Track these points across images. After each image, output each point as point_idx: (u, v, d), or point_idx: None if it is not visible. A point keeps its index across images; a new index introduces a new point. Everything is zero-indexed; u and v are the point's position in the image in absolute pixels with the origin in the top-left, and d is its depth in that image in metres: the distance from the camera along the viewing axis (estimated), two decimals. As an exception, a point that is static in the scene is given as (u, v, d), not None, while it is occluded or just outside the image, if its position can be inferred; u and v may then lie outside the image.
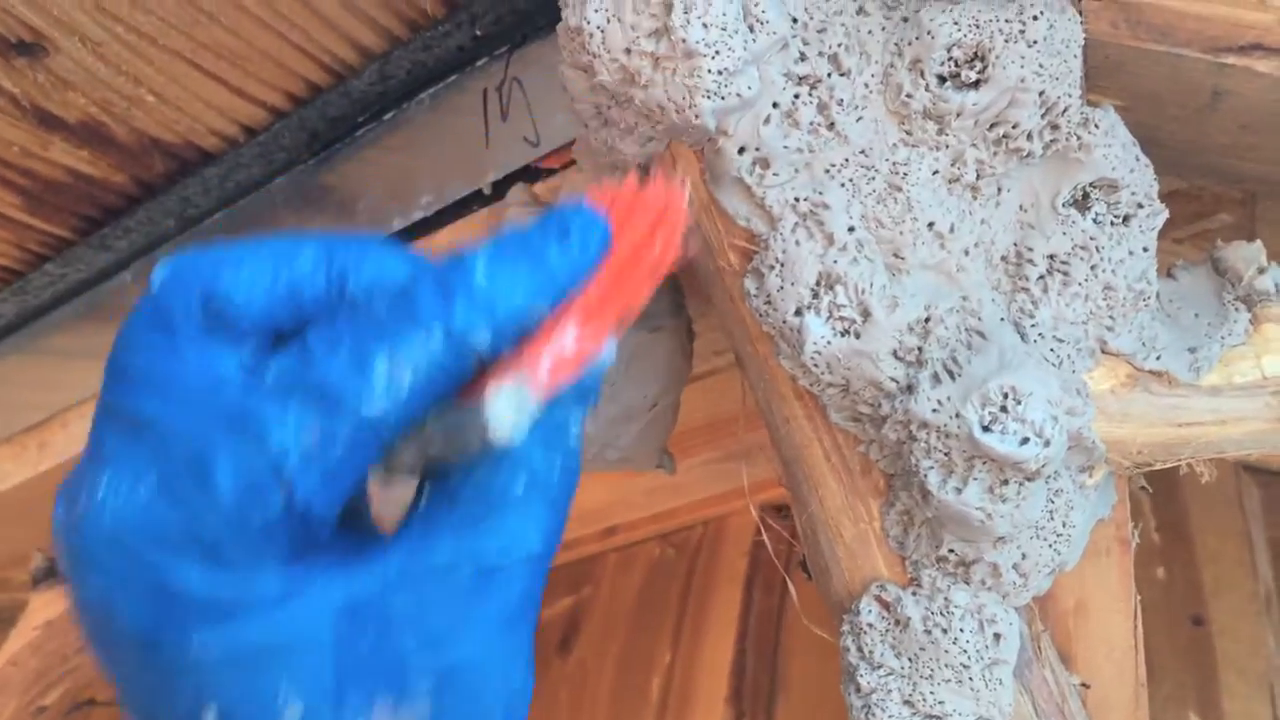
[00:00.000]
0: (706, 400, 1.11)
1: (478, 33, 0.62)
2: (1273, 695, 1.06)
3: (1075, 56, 0.47)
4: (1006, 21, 0.46)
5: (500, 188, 0.64)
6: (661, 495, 1.36)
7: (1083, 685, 0.55)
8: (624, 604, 1.48)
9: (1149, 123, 0.56)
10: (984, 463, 0.46)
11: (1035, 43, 0.46)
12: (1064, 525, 0.49)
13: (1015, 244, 0.49)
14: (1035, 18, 0.46)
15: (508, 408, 0.34)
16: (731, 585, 1.37)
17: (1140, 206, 0.49)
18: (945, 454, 0.47)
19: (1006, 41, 0.46)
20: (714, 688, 1.31)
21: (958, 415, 0.45)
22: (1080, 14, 0.50)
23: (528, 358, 0.35)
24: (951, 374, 0.47)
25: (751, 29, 0.46)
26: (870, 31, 0.48)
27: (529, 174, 0.63)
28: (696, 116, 0.46)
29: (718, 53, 0.45)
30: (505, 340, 0.35)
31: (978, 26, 0.46)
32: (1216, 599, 1.10)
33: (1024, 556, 0.49)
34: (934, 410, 0.46)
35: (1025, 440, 0.45)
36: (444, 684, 0.35)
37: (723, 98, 0.46)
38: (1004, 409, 0.45)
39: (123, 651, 0.34)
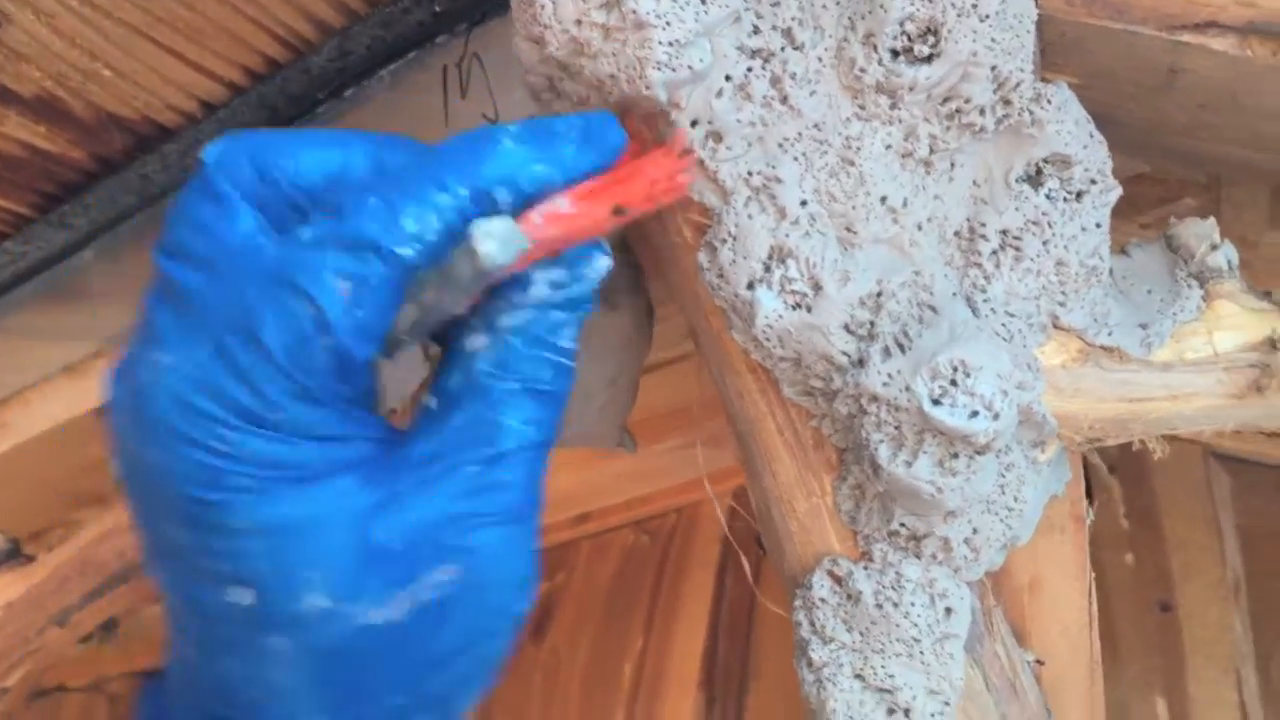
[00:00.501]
0: (677, 385, 1.11)
1: (437, 9, 0.62)
2: (1239, 679, 1.07)
3: (1028, 31, 0.47)
4: (958, -5, 0.46)
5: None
6: (633, 481, 1.36)
7: (1037, 662, 0.56)
8: (597, 591, 1.48)
9: (1106, 101, 0.56)
10: (934, 436, 0.46)
11: (987, 17, 0.46)
12: (1015, 500, 0.49)
13: (968, 219, 0.49)
14: (987, -9, 0.46)
15: (494, 233, 0.37)
16: (704, 571, 1.37)
17: (1093, 183, 0.49)
18: (895, 427, 0.47)
19: (959, 16, 0.46)
20: (686, 673, 1.32)
21: (908, 388, 0.45)
22: (1035, -10, 0.50)
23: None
24: (902, 347, 0.46)
25: (703, 1, 0.46)
26: (824, 5, 0.48)
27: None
28: (647, 88, 0.46)
29: (669, 24, 0.45)
30: (519, 206, 0.38)
31: (930, 0, 0.46)
32: (1184, 584, 1.11)
33: (975, 531, 0.49)
34: (884, 384, 0.46)
35: (975, 413, 0.45)
36: (452, 580, 0.38)
37: (674, 69, 0.45)
38: (954, 382, 0.45)
39: (169, 522, 0.36)
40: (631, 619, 1.40)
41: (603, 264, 0.41)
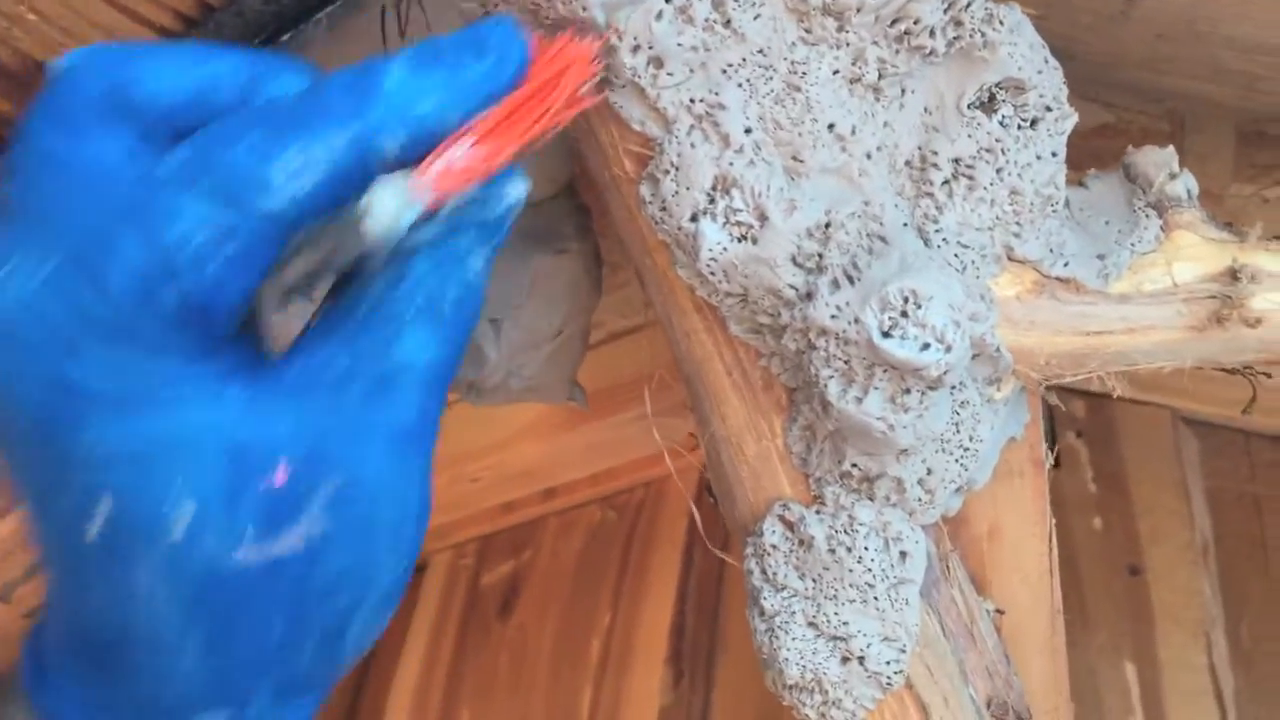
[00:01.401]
0: (640, 354, 1.09)
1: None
2: (1209, 643, 1.06)
3: (978, -52, 0.45)
4: (906, -90, 0.44)
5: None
6: (599, 453, 1.34)
7: (997, 611, 0.54)
8: (564, 567, 1.46)
9: (1064, 34, 0.55)
10: (884, 370, 0.44)
11: (935, -68, 0.44)
12: (970, 439, 0.48)
13: (919, 147, 0.47)
14: (935, -94, 0.44)
15: (386, 200, 0.34)
16: (671, 546, 1.35)
17: (1049, 109, 0.48)
18: (845, 362, 0.45)
19: (906, -69, 0.44)
20: (654, 648, 1.30)
21: (856, 320, 0.44)
22: (987, -90, 0.48)
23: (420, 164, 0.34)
24: (851, 279, 0.45)
25: (640, -83, 0.44)
26: (768, -75, 0.46)
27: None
28: (584, 9, 0.44)
29: (604, -59, 0.43)
30: (412, 149, 0.34)
31: (876, -84, 0.44)
32: (1153, 548, 1.10)
33: (929, 471, 0.47)
34: (833, 316, 0.44)
35: (926, 345, 0.43)
36: (337, 501, 0.35)
37: (610, -11, 0.43)
38: (904, 313, 0.43)
39: (20, 446, 0.34)
40: (599, 595, 1.38)
41: (518, 190, 0.38)
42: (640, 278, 0.51)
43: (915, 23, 0.45)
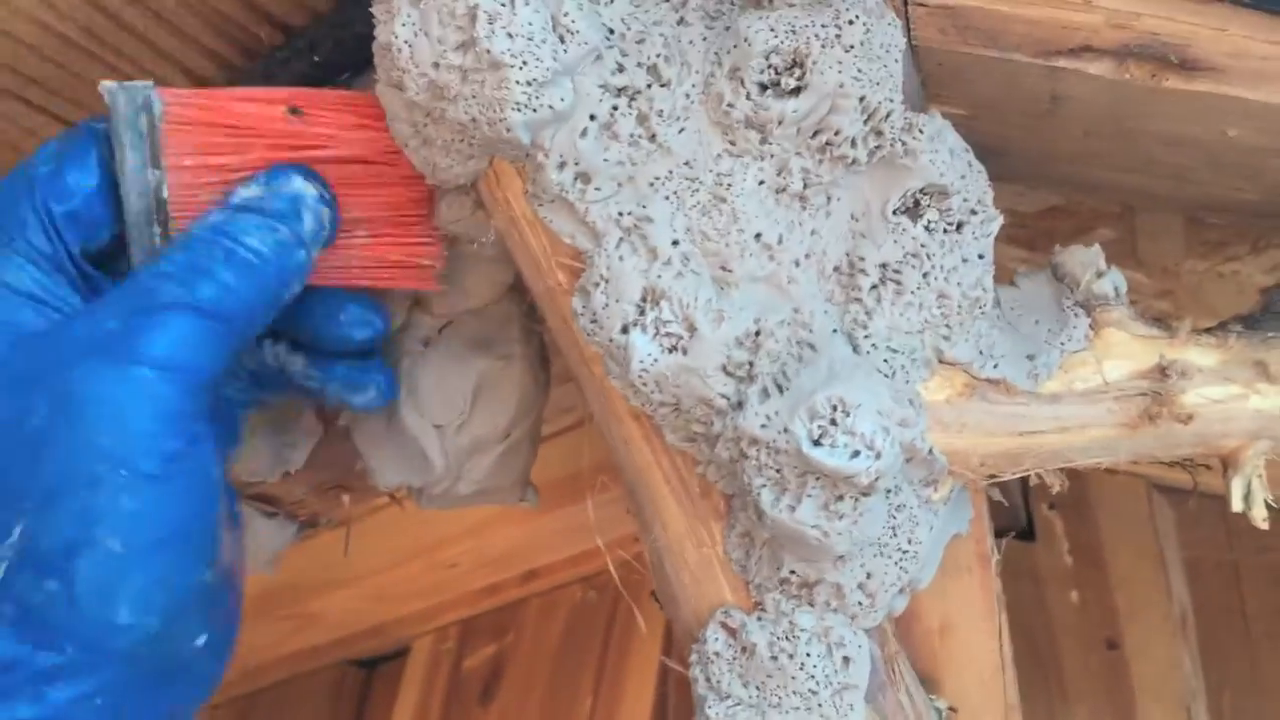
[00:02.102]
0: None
1: (316, 59, 0.61)
2: (1190, 717, 1.05)
3: (895, 61, 0.46)
4: (822, 27, 0.45)
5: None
6: (578, 534, 1.34)
7: (950, 710, 0.54)
8: (546, 650, 1.45)
9: (994, 131, 0.55)
10: (816, 478, 0.44)
11: (852, 47, 0.45)
12: (909, 542, 0.48)
13: (847, 253, 0.48)
14: (851, 22, 0.45)
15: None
16: (652, 625, 1.34)
17: (974, 213, 0.48)
18: (777, 471, 0.45)
19: (823, 47, 0.45)
20: (636, 732, 1.28)
21: (786, 430, 0.44)
22: (907, 19, 0.49)
23: None
24: (780, 388, 0.45)
25: (561, 39, 0.45)
26: (691, 41, 0.47)
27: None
28: (507, 130, 0.44)
29: (525, 63, 0.44)
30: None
31: (794, 33, 0.45)
32: (1131, 621, 1.09)
33: (869, 576, 0.47)
34: (763, 425, 0.44)
35: (856, 453, 0.43)
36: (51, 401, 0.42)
37: (534, 110, 0.44)
38: (833, 421, 0.44)
39: None
40: (580, 679, 1.37)
41: (298, 184, 0.48)
42: (578, 385, 0.52)
43: (836, 134, 0.46)
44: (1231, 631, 1.11)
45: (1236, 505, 0.49)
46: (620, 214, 0.46)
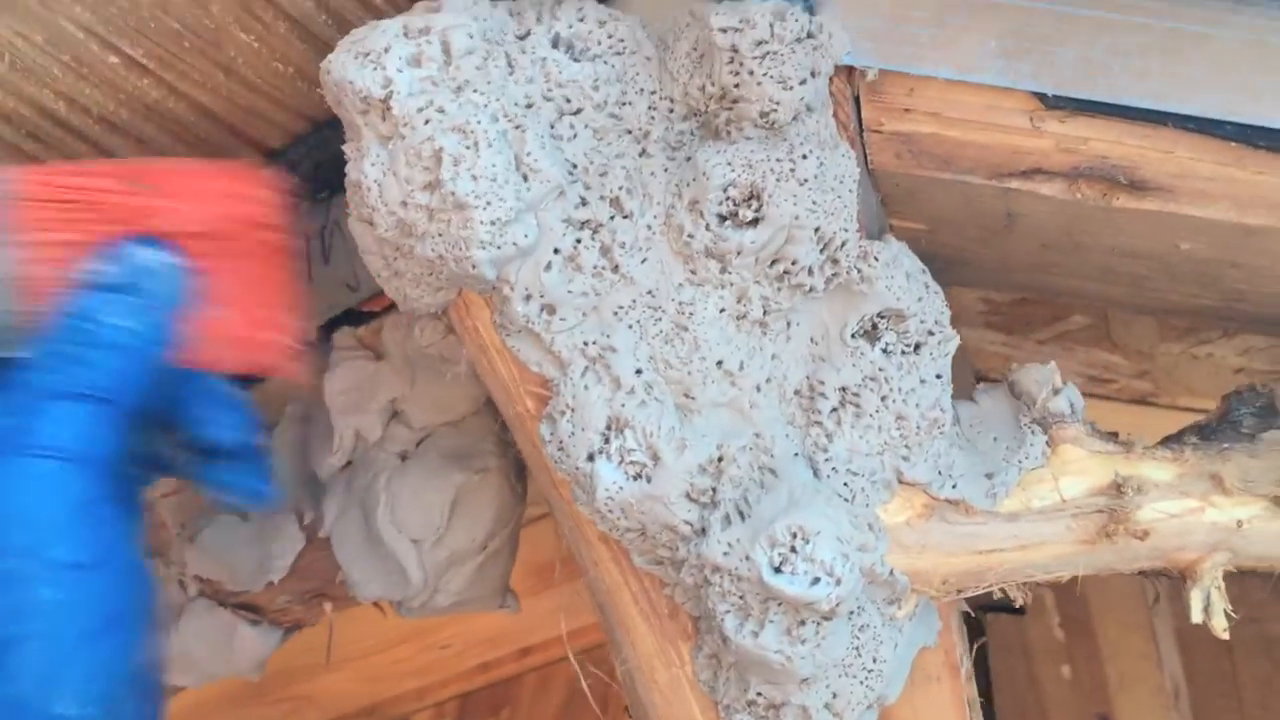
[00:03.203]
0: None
1: (296, 179, 0.62)
2: (1184, 789, 1.05)
3: (850, 192, 0.47)
4: (777, 161, 0.46)
5: (324, 331, 0.64)
6: (569, 613, 1.34)
7: (926, 818, 0.54)
8: (544, 724, 1.44)
9: (954, 245, 0.57)
10: (779, 604, 0.45)
11: (806, 181, 0.46)
12: (874, 660, 0.48)
13: (808, 377, 0.49)
14: (805, 156, 0.46)
15: None
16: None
17: (930, 334, 0.49)
18: (740, 597, 0.46)
19: (778, 180, 0.46)
20: (633, 810, 1.28)
21: (748, 558, 0.45)
22: (863, 145, 0.51)
23: None
24: (742, 514, 0.46)
25: (525, 178, 0.46)
26: (653, 173, 0.49)
27: (352, 317, 0.63)
28: (473, 267, 0.46)
29: (489, 203, 0.45)
30: None
31: (750, 167, 0.46)
32: (1122, 694, 1.09)
33: (835, 696, 0.48)
34: (725, 553, 0.45)
35: (816, 580, 0.44)
36: None
37: (498, 247, 0.46)
38: (793, 549, 0.44)
39: None
40: (578, 755, 1.36)
41: (139, 254, 0.46)
42: (549, 506, 0.53)
43: (793, 263, 0.47)
44: (1224, 702, 1.11)
45: (1196, 617, 0.49)
46: (585, 343, 0.48)
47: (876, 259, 0.48)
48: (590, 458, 0.47)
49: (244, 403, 0.52)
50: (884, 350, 0.49)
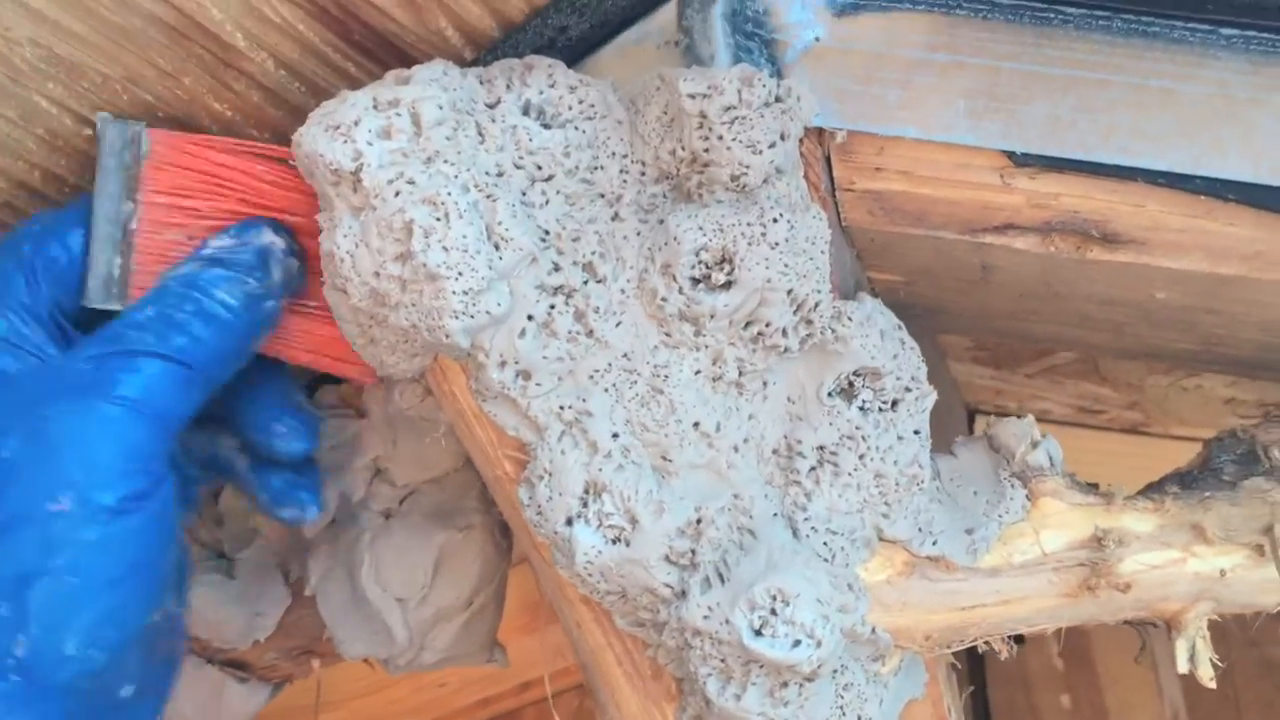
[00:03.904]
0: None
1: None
2: (1186, 818, 1.04)
3: (821, 253, 0.48)
4: (748, 225, 0.46)
5: (307, 390, 0.64)
6: (564, 651, 1.33)
7: None
8: (546, 759, 1.44)
9: (932, 295, 0.57)
10: (760, 667, 0.45)
11: (777, 244, 0.46)
12: (860, 718, 0.48)
13: (785, 436, 0.49)
14: (775, 220, 0.46)
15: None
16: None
17: (908, 390, 0.49)
18: (721, 660, 0.46)
19: (750, 244, 0.46)
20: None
21: (727, 621, 0.45)
22: (836, 203, 0.51)
23: None
24: (722, 577, 0.46)
25: (497, 247, 0.46)
26: (625, 236, 0.49)
27: (335, 376, 0.63)
28: (447, 336, 0.46)
29: (460, 274, 0.45)
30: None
31: (721, 231, 0.47)
32: (1123, 722, 1.09)
33: (820, 755, 0.48)
34: (705, 617, 0.45)
35: (797, 643, 0.44)
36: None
37: (471, 316, 0.46)
38: (773, 612, 0.44)
39: None
40: (580, 787, 1.36)
41: (268, 237, 0.49)
42: (531, 567, 0.53)
43: (767, 325, 0.47)
44: (1226, 727, 1.11)
45: (1182, 667, 0.49)
46: (561, 408, 0.48)
47: (850, 319, 0.48)
48: (569, 522, 0.47)
49: (314, 414, 0.54)
50: (861, 408, 0.49)
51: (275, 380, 0.53)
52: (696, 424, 0.48)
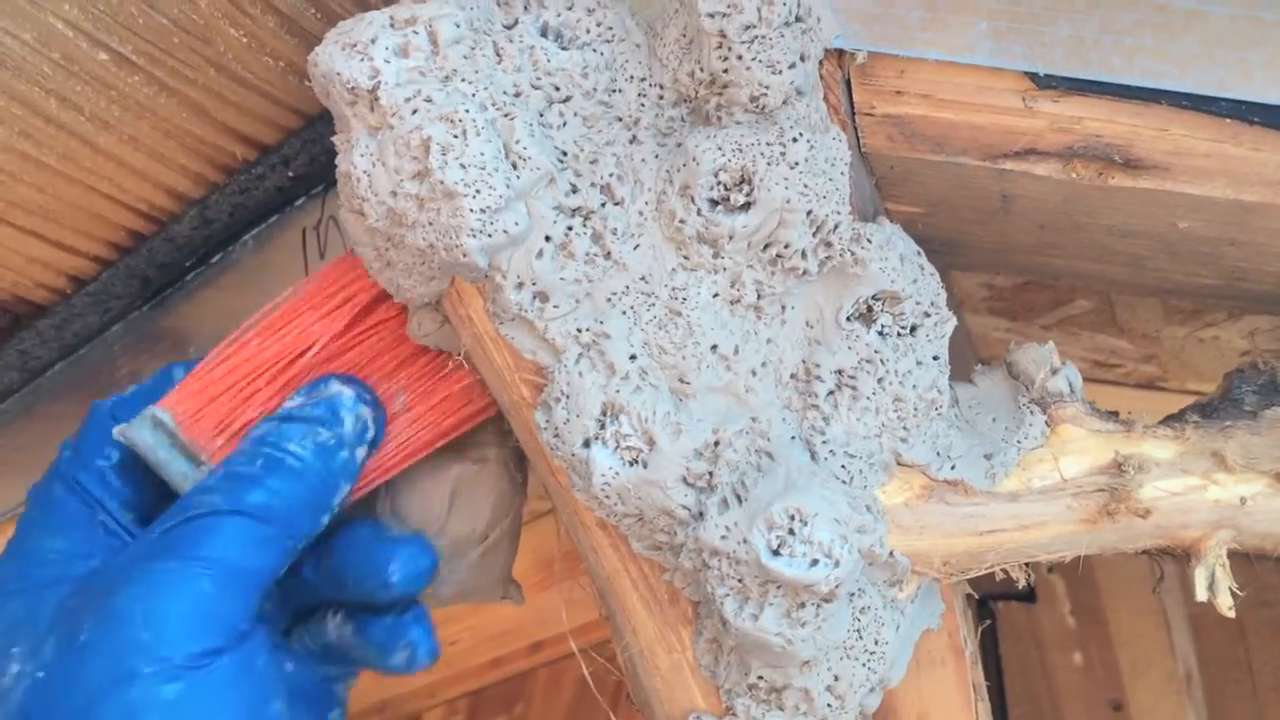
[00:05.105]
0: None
1: (291, 174, 0.62)
2: (1198, 776, 1.04)
3: (841, 174, 0.47)
4: (768, 145, 0.46)
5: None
6: (581, 608, 1.34)
7: (930, 802, 0.54)
8: (557, 719, 1.44)
9: (951, 227, 0.57)
10: (778, 587, 0.45)
11: (797, 164, 0.46)
12: (876, 643, 0.48)
13: (803, 360, 0.49)
14: (795, 140, 0.46)
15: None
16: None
17: (927, 315, 0.49)
18: (738, 580, 0.46)
19: (769, 164, 0.46)
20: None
21: (745, 541, 0.45)
22: (855, 128, 0.50)
23: None
24: (739, 498, 0.46)
25: (514, 166, 0.46)
26: (644, 159, 0.48)
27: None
28: (464, 255, 0.46)
29: (478, 191, 0.45)
30: None
31: (740, 151, 0.46)
32: (1135, 681, 1.09)
33: (836, 678, 0.48)
34: (722, 537, 0.45)
35: (815, 562, 0.44)
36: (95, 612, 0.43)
37: (489, 235, 0.46)
38: (791, 531, 0.44)
39: None
40: (591, 748, 1.36)
41: (334, 388, 0.50)
42: (548, 493, 0.53)
43: (786, 247, 0.47)
44: (1237, 687, 1.11)
45: (1201, 595, 0.49)
46: (579, 330, 0.48)
47: (870, 241, 0.48)
48: (586, 444, 0.47)
49: (417, 538, 0.54)
50: (880, 333, 0.48)
51: (364, 527, 0.53)
52: (714, 347, 0.48)
